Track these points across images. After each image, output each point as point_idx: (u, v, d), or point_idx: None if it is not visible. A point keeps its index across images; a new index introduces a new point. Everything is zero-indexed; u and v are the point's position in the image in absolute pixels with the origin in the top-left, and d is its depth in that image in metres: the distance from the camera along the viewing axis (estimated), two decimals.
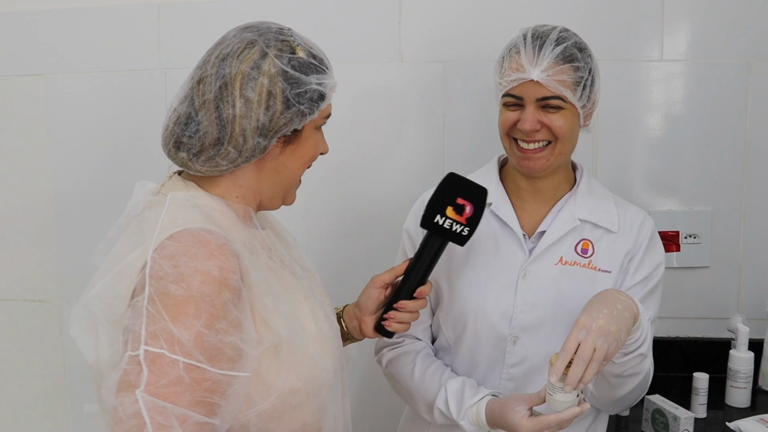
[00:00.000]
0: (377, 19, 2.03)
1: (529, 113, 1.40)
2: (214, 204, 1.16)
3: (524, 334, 1.47)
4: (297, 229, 2.11)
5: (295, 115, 1.15)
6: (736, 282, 2.05)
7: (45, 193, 2.19)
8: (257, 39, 1.15)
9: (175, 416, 0.98)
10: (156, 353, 0.99)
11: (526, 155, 1.44)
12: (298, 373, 1.13)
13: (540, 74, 1.38)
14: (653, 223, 1.54)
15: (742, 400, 1.84)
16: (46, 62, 2.13)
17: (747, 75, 1.97)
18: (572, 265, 1.47)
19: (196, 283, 1.01)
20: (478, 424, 1.41)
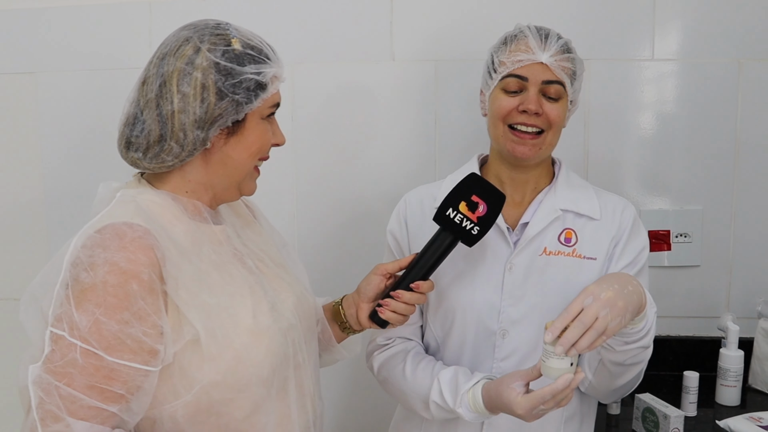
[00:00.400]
0: (369, 19, 2.03)
1: (533, 94, 1.44)
2: (159, 200, 1.21)
3: (513, 327, 1.48)
4: (289, 227, 2.11)
5: (231, 105, 1.18)
6: (727, 281, 2.06)
7: (36, 192, 2.18)
8: (192, 35, 1.19)
9: (62, 395, 1.05)
10: (58, 335, 1.06)
11: (522, 140, 1.45)
12: (218, 366, 1.15)
13: (549, 58, 1.43)
14: (634, 209, 1.56)
15: (732, 399, 1.85)
16: (36, 60, 2.12)
17: (737, 74, 1.97)
18: (556, 254, 1.48)
19: (102, 272, 1.07)
20: (476, 409, 1.39)
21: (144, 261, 1.09)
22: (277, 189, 2.10)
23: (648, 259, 1.54)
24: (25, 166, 2.17)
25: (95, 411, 1.06)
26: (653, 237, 2.03)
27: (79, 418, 1.06)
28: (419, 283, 1.38)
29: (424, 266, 1.39)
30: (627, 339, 1.36)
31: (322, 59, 2.06)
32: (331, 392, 2.17)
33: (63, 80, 2.11)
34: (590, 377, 1.48)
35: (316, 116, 2.08)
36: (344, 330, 1.50)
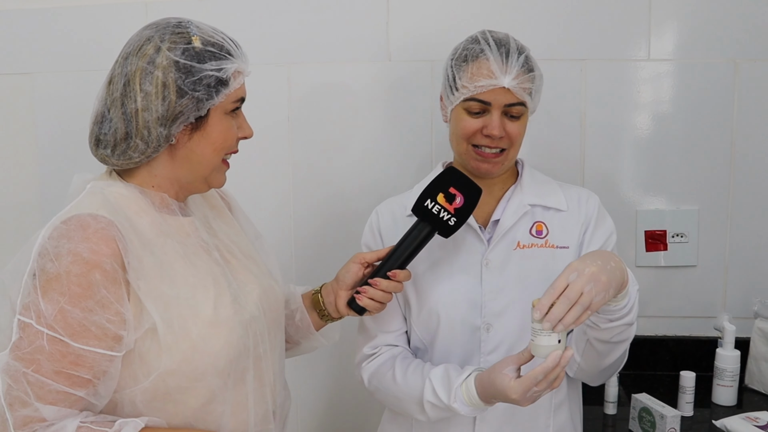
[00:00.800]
0: (365, 19, 2.03)
1: (496, 118, 1.46)
2: (126, 192, 1.25)
3: (496, 320, 1.51)
4: (285, 225, 2.11)
5: (191, 102, 1.21)
6: (723, 281, 2.06)
7: (32, 193, 2.17)
8: (153, 35, 1.23)
9: (30, 381, 1.10)
10: (26, 323, 1.11)
11: (486, 159, 1.50)
12: (173, 355, 1.18)
13: (511, 81, 1.45)
14: (597, 198, 1.61)
15: (728, 399, 1.85)
16: (32, 61, 2.11)
17: (733, 74, 1.98)
18: (530, 247, 1.53)
19: (66, 262, 1.11)
20: (471, 402, 1.40)
21: (106, 251, 1.13)
22: (274, 187, 2.11)
23: (616, 243, 1.59)
24: (21, 167, 2.17)
25: (63, 395, 1.12)
26: (650, 237, 2.03)
27: (48, 403, 1.11)
28: (396, 271, 1.43)
29: (401, 256, 1.43)
30: (611, 316, 1.38)
31: (318, 59, 2.05)
32: (319, 389, 2.17)
33: (59, 81, 2.11)
34: (578, 359, 1.50)
35: (313, 116, 2.08)
36: (323, 318, 1.54)
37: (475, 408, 1.41)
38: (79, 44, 2.09)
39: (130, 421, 1.16)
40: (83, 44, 2.09)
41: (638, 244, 2.05)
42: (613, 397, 1.83)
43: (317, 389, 2.18)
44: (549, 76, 1.99)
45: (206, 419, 1.24)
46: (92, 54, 2.08)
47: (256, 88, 2.04)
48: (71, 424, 1.12)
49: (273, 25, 2.05)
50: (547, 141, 2.03)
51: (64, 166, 2.13)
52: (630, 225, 2.05)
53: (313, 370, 2.16)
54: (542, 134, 2.03)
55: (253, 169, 2.08)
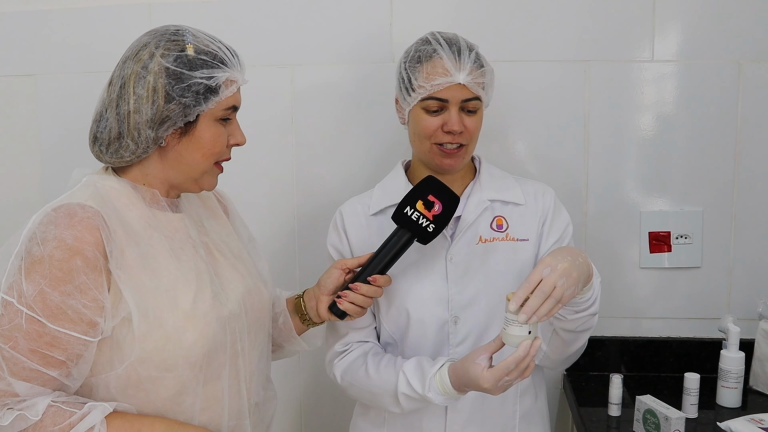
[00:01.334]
0: (368, 20, 2.03)
1: (454, 114, 1.52)
2: (118, 186, 1.31)
3: (463, 312, 1.57)
4: (289, 227, 2.12)
5: (178, 108, 1.25)
6: (727, 282, 2.05)
7: (35, 194, 2.18)
8: (150, 41, 1.28)
9: (5, 357, 1.16)
10: (8, 301, 1.17)
11: (449, 155, 1.55)
12: (144, 344, 1.22)
13: (466, 77, 1.51)
14: (553, 191, 1.69)
15: (733, 400, 1.84)
16: (35, 62, 2.12)
17: (737, 75, 1.97)
18: (492, 241, 1.60)
19: (50, 247, 1.17)
20: (445, 392, 1.46)
21: (89, 240, 1.19)
22: (277, 188, 2.11)
23: (572, 237, 1.67)
24: (24, 167, 2.17)
25: (36, 373, 1.17)
26: (654, 238, 2.03)
27: (21, 379, 1.17)
28: (376, 276, 1.47)
29: (381, 261, 1.48)
30: (577, 308, 1.48)
31: (321, 61, 2.05)
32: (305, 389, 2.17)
33: (62, 82, 2.12)
34: (545, 348, 1.60)
35: (316, 117, 2.08)
36: (304, 322, 1.58)
37: (448, 397, 1.47)
38: (82, 46, 2.09)
39: (99, 404, 1.20)
40: (86, 46, 2.09)
41: (642, 246, 2.04)
42: (617, 398, 1.83)
43: (303, 389, 2.18)
44: (553, 77, 2.01)
45: (176, 410, 1.28)
46: (95, 56, 2.09)
47: (258, 90, 2.04)
48: (42, 402, 1.17)
49: (276, 26, 2.05)
50: (551, 142, 2.03)
51: (66, 166, 2.10)
52: (634, 226, 2.05)
53: (300, 369, 2.16)
54: (546, 135, 2.03)
55: (256, 170, 2.08)
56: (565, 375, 2.09)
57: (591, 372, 2.08)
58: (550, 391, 2.14)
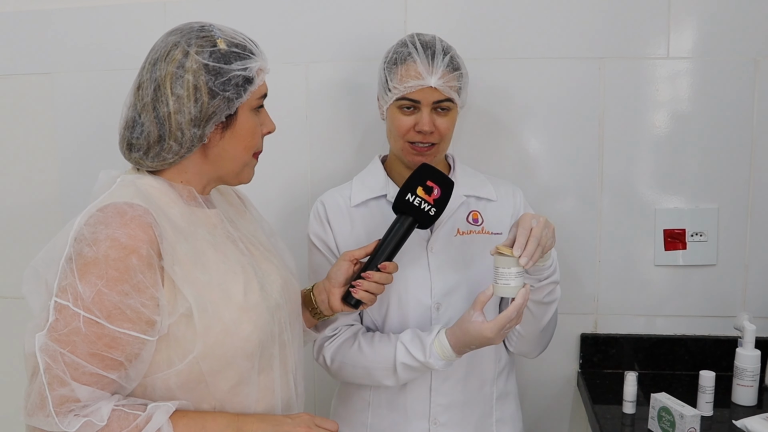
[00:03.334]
0: (383, 18, 2.03)
1: (425, 115, 1.60)
2: (157, 184, 1.30)
3: (444, 299, 1.66)
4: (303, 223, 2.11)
5: (223, 102, 1.26)
6: (743, 280, 2.04)
7: (52, 192, 2.20)
8: (180, 40, 1.27)
9: (66, 362, 1.14)
10: (63, 305, 1.15)
11: (420, 152, 1.63)
12: (206, 338, 1.23)
13: (437, 81, 1.58)
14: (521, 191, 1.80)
15: (748, 399, 1.84)
16: (52, 61, 2.14)
17: (753, 72, 1.96)
18: (469, 234, 1.69)
19: (104, 247, 1.15)
20: (445, 355, 1.55)
21: (143, 237, 1.17)
22: (292, 185, 2.12)
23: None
24: (42, 166, 2.19)
25: (96, 377, 1.16)
26: (668, 236, 2.02)
27: (83, 384, 1.15)
28: (386, 263, 1.52)
29: (387, 248, 1.53)
30: (540, 275, 1.58)
31: (336, 58, 2.06)
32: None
33: (79, 80, 2.13)
34: (519, 329, 1.69)
35: (331, 115, 2.09)
36: (315, 315, 1.60)
37: (447, 361, 1.56)
38: (98, 44, 2.11)
39: (162, 405, 1.20)
40: (102, 44, 2.11)
41: (657, 243, 2.04)
42: (632, 396, 1.83)
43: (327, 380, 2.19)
44: (568, 74, 2.00)
45: (234, 401, 1.29)
46: (111, 54, 2.10)
47: (274, 87, 2.04)
48: (106, 406, 1.16)
49: (291, 23, 2.06)
50: (566, 139, 2.03)
51: (83, 164, 2.15)
52: (649, 224, 2.04)
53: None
54: (560, 133, 2.03)
55: (271, 167, 2.08)
56: (580, 372, 2.08)
57: (605, 369, 2.08)
58: (564, 388, 2.14)
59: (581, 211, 2.05)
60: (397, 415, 1.69)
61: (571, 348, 2.11)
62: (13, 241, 2.24)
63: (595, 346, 2.09)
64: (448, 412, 1.68)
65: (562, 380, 2.14)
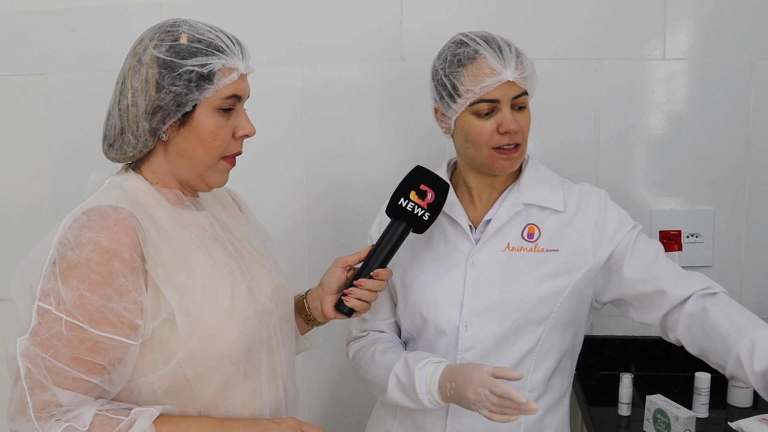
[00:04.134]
0: (378, 18, 2.03)
1: (508, 114, 1.47)
2: (144, 186, 1.29)
3: (475, 319, 1.52)
4: (298, 224, 2.12)
5: (169, 96, 1.23)
6: (739, 281, 2.04)
7: (46, 193, 2.19)
8: (146, 35, 1.27)
9: (48, 367, 1.13)
10: (45, 309, 1.14)
11: (508, 156, 1.50)
12: (189, 343, 1.21)
13: (513, 73, 1.46)
14: (600, 192, 1.59)
15: (744, 400, 1.84)
16: (46, 62, 2.13)
17: (749, 73, 1.96)
18: (519, 250, 1.53)
19: (86, 251, 1.15)
20: (430, 382, 1.42)
21: (126, 241, 1.17)
22: (287, 186, 2.11)
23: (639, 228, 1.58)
24: (36, 167, 2.18)
25: (79, 382, 1.15)
26: (664, 237, 2.02)
27: (65, 388, 1.14)
28: (378, 270, 1.47)
29: (381, 255, 1.48)
30: None
31: (331, 59, 2.06)
32: (322, 387, 2.17)
33: (73, 81, 2.13)
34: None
35: (326, 116, 2.08)
36: (309, 322, 1.58)
37: (429, 391, 1.42)
38: (93, 45, 2.10)
39: (145, 410, 1.19)
40: (97, 45, 2.10)
41: None
42: (627, 398, 1.82)
43: (314, 388, 2.18)
44: (563, 75, 2.00)
45: (219, 405, 1.28)
46: (106, 54, 2.09)
47: (269, 88, 2.05)
48: (88, 411, 1.15)
49: (286, 24, 2.05)
50: (561, 141, 2.02)
51: (77, 164, 2.15)
52: (644, 225, 2.01)
53: (308, 369, 2.16)
54: (556, 134, 2.02)
55: (267, 168, 2.09)
56: (575, 374, 2.08)
57: (601, 371, 2.08)
58: None
59: None
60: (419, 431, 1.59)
61: None
62: (7, 242, 2.23)
63: (590, 347, 2.08)
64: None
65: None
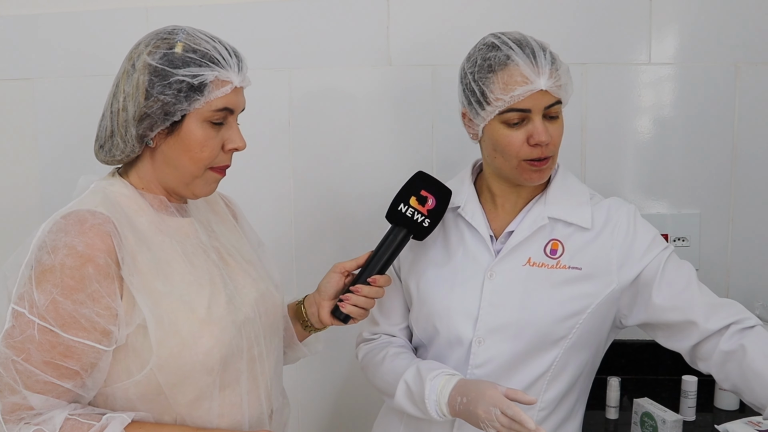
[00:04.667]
0: (366, 24, 2.03)
1: (539, 124, 1.38)
2: (127, 192, 1.29)
3: (489, 335, 1.45)
4: (287, 230, 2.12)
5: (156, 105, 1.22)
6: (725, 284, 2.05)
7: (33, 198, 2.18)
8: (143, 40, 1.27)
9: (18, 370, 1.14)
10: (19, 312, 1.15)
11: (538, 168, 1.42)
12: (161, 350, 1.20)
13: (547, 82, 1.37)
14: (631, 208, 1.50)
15: (730, 403, 1.85)
16: (33, 66, 2.12)
17: (734, 78, 1.97)
18: (540, 266, 1.45)
19: (61, 255, 1.15)
20: (440, 393, 1.37)
21: (101, 246, 1.16)
22: (275, 192, 2.11)
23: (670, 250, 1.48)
24: (23, 171, 2.17)
25: (51, 386, 1.15)
26: None
27: (36, 392, 1.14)
28: (376, 277, 1.45)
29: (379, 261, 1.46)
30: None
31: (318, 64, 2.06)
32: (319, 395, 2.17)
33: (60, 86, 2.12)
34: None
35: (313, 121, 2.08)
36: (306, 328, 1.56)
37: (438, 402, 1.37)
38: (80, 50, 2.09)
39: (117, 415, 1.18)
40: (84, 50, 2.09)
41: None
42: (615, 401, 1.83)
43: (318, 395, 2.18)
44: None
45: (194, 415, 1.26)
46: (93, 59, 2.09)
47: (256, 93, 2.03)
48: (59, 415, 1.15)
49: (273, 29, 2.05)
50: None
51: (65, 170, 2.14)
52: None
53: (312, 376, 2.15)
54: None
55: (254, 174, 2.08)
56: None
57: None
58: None
59: None
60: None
61: None
62: None
63: None
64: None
65: None
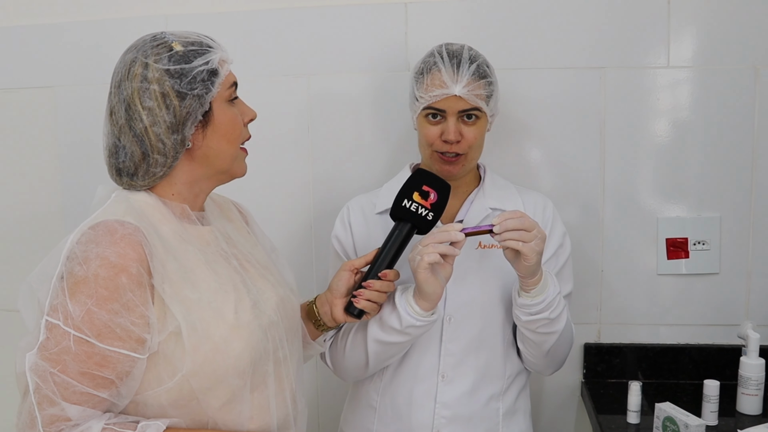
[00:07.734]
0: (384, 29, 2.04)
1: (451, 125, 1.59)
2: (150, 200, 1.30)
3: (457, 312, 1.64)
4: (305, 231, 2.13)
5: (194, 101, 1.26)
6: (746, 288, 2.04)
7: (54, 206, 2.20)
8: (137, 56, 1.28)
9: (56, 382, 1.14)
10: (53, 323, 1.16)
11: (448, 161, 1.62)
12: (195, 356, 1.22)
13: (461, 89, 1.57)
14: (552, 204, 1.76)
15: (753, 408, 1.83)
16: (54, 74, 2.14)
17: (754, 80, 1.96)
18: (490, 248, 1.65)
19: (94, 266, 1.16)
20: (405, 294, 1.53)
21: (133, 256, 1.18)
22: (295, 196, 2.13)
23: (570, 249, 1.73)
24: (43, 178, 2.20)
25: (87, 396, 1.16)
26: (671, 245, 2.02)
27: (73, 403, 1.15)
28: (386, 271, 1.50)
29: (388, 256, 1.51)
30: (529, 310, 1.54)
31: (338, 70, 2.07)
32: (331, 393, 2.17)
33: (81, 94, 2.14)
34: (524, 350, 1.66)
35: (333, 127, 2.09)
36: (318, 327, 1.59)
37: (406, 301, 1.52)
38: (100, 58, 2.11)
39: (152, 423, 1.19)
40: (104, 58, 2.09)
41: (659, 252, 2.03)
42: (636, 406, 1.82)
43: (332, 397, 2.18)
44: (569, 84, 2.01)
45: (226, 418, 1.28)
46: (113, 67, 2.10)
47: (276, 99, 2.06)
48: (96, 425, 1.16)
49: (292, 36, 2.06)
50: (567, 149, 2.03)
51: (85, 177, 2.16)
52: (651, 233, 2.04)
53: (330, 378, 2.16)
54: (562, 143, 2.03)
55: (273, 179, 2.10)
56: (583, 382, 2.08)
57: (609, 379, 2.07)
58: (568, 398, 2.13)
59: (583, 220, 2.05)
60: (401, 423, 1.67)
61: (574, 358, 2.10)
62: (15, 253, 2.24)
63: (598, 355, 2.08)
64: (451, 425, 1.65)
65: (566, 390, 2.13)
